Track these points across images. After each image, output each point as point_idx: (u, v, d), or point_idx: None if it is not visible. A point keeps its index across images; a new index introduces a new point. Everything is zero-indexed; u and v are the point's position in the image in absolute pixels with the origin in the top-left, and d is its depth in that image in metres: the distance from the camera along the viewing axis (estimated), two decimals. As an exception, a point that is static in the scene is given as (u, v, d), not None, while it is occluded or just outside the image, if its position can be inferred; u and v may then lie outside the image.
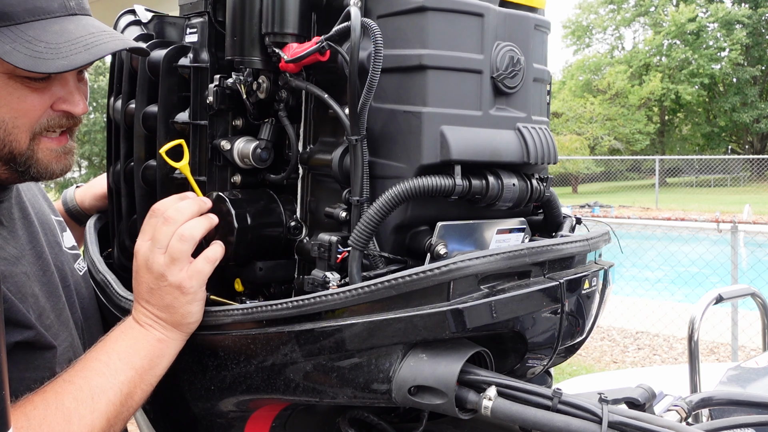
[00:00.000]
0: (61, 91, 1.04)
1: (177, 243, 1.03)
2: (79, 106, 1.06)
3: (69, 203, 1.55)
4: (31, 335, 1.02)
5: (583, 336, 1.12)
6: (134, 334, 1.04)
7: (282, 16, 1.04)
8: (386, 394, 0.92)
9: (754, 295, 2.73)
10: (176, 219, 1.04)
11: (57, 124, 1.05)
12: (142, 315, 1.05)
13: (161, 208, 1.07)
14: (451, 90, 0.98)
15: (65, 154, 1.09)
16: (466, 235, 1.03)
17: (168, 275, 1.02)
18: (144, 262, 1.05)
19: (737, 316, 6.11)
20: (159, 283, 1.03)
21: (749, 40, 33.98)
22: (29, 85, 1.00)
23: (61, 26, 0.99)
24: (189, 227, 1.04)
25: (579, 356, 6.45)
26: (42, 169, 1.06)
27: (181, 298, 1.03)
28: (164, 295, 1.03)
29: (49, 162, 1.06)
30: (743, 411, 1.58)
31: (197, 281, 1.03)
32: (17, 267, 1.06)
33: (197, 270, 1.04)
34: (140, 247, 1.06)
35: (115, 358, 1.01)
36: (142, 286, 1.05)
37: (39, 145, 1.05)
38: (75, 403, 0.95)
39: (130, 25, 1.29)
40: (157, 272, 1.03)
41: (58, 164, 1.08)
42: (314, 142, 1.12)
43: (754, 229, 10.95)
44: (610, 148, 32.12)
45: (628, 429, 0.86)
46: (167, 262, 1.03)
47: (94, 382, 0.97)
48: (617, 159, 29.54)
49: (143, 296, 1.05)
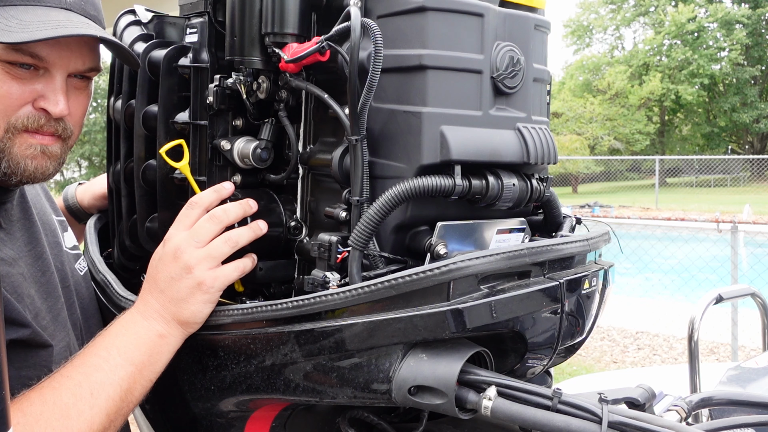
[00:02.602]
0: (44, 88, 1.03)
1: (221, 244, 1.04)
2: (58, 106, 1.04)
3: (69, 200, 1.55)
4: (26, 333, 1.02)
5: (583, 336, 1.12)
6: (135, 328, 1.03)
7: (282, 16, 1.04)
8: (386, 394, 0.92)
9: (754, 295, 2.73)
10: (221, 220, 1.05)
11: (34, 122, 1.03)
12: (149, 306, 1.04)
13: (204, 202, 1.07)
14: (451, 90, 0.98)
15: (44, 155, 1.06)
16: (466, 235, 1.03)
17: (196, 269, 1.02)
18: (174, 250, 1.04)
19: (737, 316, 6.11)
20: (183, 274, 1.02)
21: (749, 40, 33.97)
22: (10, 71, 0.99)
23: (45, 12, 0.99)
24: (237, 233, 1.06)
25: (579, 356, 6.45)
26: (14, 165, 1.04)
27: (198, 295, 1.02)
28: (183, 287, 1.02)
29: (22, 159, 1.04)
30: (743, 411, 1.58)
31: (220, 284, 1.04)
32: (13, 268, 1.06)
33: (225, 274, 1.04)
34: (174, 236, 1.05)
35: (115, 353, 1.00)
36: (161, 274, 1.04)
37: (15, 139, 1.02)
38: (73, 398, 0.94)
39: (130, 25, 1.29)
40: (186, 263, 1.02)
41: (33, 163, 1.05)
42: (314, 142, 1.12)
43: (754, 229, 10.97)
44: (610, 148, 32.13)
45: (628, 429, 0.86)
46: (201, 257, 1.03)
47: (93, 377, 0.97)
48: (617, 159, 29.53)
49: (159, 285, 1.04)
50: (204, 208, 1.07)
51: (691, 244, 8.23)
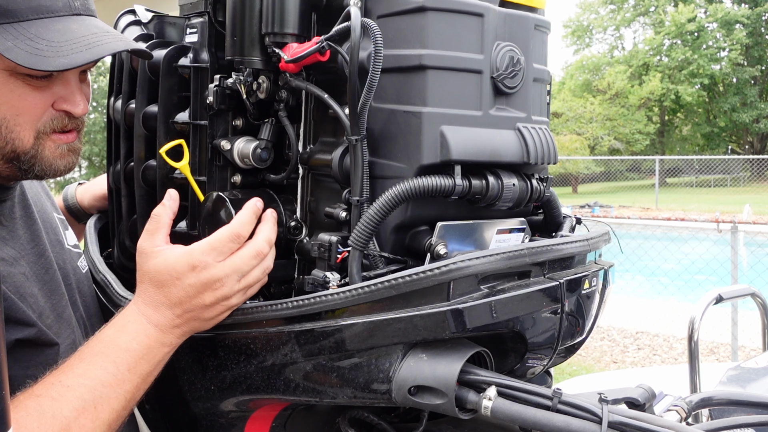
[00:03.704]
0: (62, 90, 1.04)
1: (260, 275, 1.05)
2: (79, 106, 1.06)
3: (69, 200, 1.55)
4: (32, 333, 1.02)
5: (583, 336, 1.12)
6: (149, 343, 1.01)
7: (282, 16, 1.04)
8: (386, 394, 0.92)
9: (754, 295, 2.73)
10: (265, 254, 1.05)
11: (60, 123, 1.05)
12: (169, 322, 1.03)
13: (246, 233, 1.05)
14: (451, 90, 0.98)
15: (70, 152, 1.09)
16: (466, 235, 1.03)
17: (233, 299, 1.03)
18: (212, 283, 1.02)
19: (737, 316, 6.11)
20: (220, 301, 1.02)
21: (749, 40, 33.98)
22: (30, 83, 1.00)
23: (64, 25, 0.99)
24: (272, 258, 1.07)
25: (579, 356, 6.45)
26: (46, 167, 1.06)
27: (225, 313, 1.04)
28: (215, 311, 1.03)
29: (53, 159, 1.06)
30: (743, 411, 1.58)
31: (243, 301, 1.06)
32: (16, 267, 1.06)
33: (251, 294, 1.06)
34: (211, 266, 1.02)
35: (124, 369, 0.98)
36: (195, 300, 1.02)
37: (45, 143, 1.04)
38: (75, 413, 0.92)
39: (130, 25, 1.29)
40: (225, 295, 1.02)
41: (63, 161, 1.08)
42: (314, 142, 1.12)
43: (754, 229, 10.96)
44: (610, 148, 32.13)
45: (628, 429, 0.86)
46: (241, 289, 1.04)
47: (98, 392, 0.95)
48: (617, 159, 29.54)
49: (185, 306, 1.02)
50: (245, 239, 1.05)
51: (691, 244, 8.23)
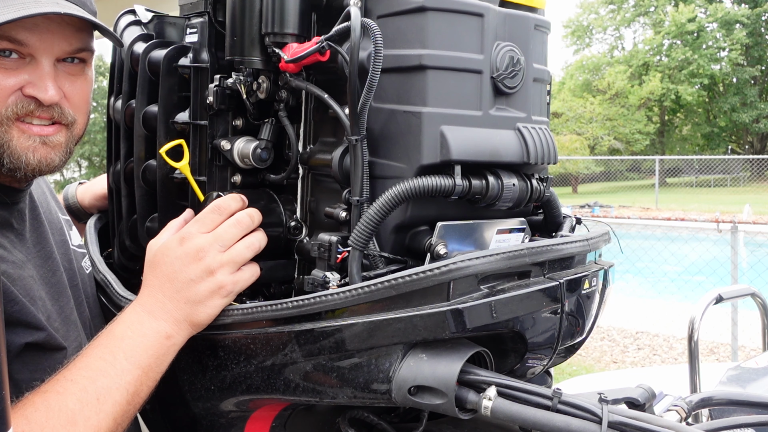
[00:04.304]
0: (31, 75, 1.01)
1: (244, 249, 1.04)
2: (46, 92, 1.02)
3: (70, 199, 1.55)
4: (41, 336, 1.01)
5: (583, 336, 1.12)
6: (143, 330, 1.01)
7: (282, 16, 1.04)
8: (386, 394, 0.92)
9: (754, 295, 2.73)
10: (248, 225, 1.05)
11: (24, 109, 1.01)
12: (160, 305, 1.02)
13: (229, 206, 1.06)
14: (451, 90, 0.98)
15: (45, 146, 1.05)
16: (466, 235, 1.03)
17: (218, 273, 1.02)
18: (196, 251, 1.02)
19: (737, 316, 6.12)
20: (204, 276, 1.01)
21: (749, 40, 33.97)
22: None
23: None
24: (258, 239, 1.06)
25: (579, 356, 6.45)
26: (16, 159, 1.02)
27: (216, 299, 1.02)
28: (202, 290, 1.01)
29: (23, 151, 1.03)
30: (743, 411, 1.58)
31: (239, 288, 1.04)
32: (24, 271, 1.05)
33: (244, 279, 1.05)
34: (194, 236, 1.03)
35: (122, 357, 0.98)
36: (179, 274, 1.02)
37: (12, 132, 1.01)
38: (79, 404, 0.92)
39: (130, 25, 1.29)
40: (208, 266, 1.01)
41: (35, 155, 1.04)
42: (314, 142, 1.12)
43: (754, 229, 10.97)
44: (610, 148, 32.12)
45: (628, 429, 0.86)
46: (225, 261, 1.02)
47: (99, 383, 0.95)
48: (617, 159, 29.54)
49: (175, 284, 1.02)
50: (229, 214, 1.06)
51: (691, 244, 8.23)
